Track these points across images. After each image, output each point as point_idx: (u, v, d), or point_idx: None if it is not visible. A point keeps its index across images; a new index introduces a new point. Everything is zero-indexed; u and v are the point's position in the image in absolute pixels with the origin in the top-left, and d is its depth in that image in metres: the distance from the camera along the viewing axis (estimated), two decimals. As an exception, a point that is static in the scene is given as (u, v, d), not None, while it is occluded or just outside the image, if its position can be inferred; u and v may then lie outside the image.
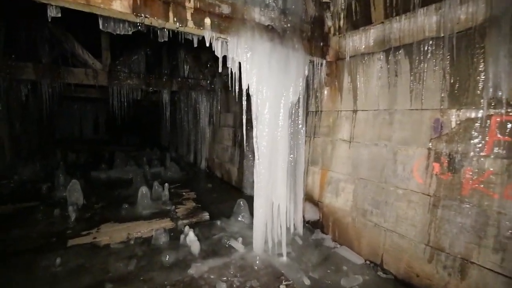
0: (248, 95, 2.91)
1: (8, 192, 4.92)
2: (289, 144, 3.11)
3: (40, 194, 4.85)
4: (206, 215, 4.03)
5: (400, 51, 2.67)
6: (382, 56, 2.85)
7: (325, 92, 3.60)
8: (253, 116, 2.88)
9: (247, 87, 2.75)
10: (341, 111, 3.41)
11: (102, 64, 6.04)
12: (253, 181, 5.50)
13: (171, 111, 9.34)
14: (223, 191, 5.76)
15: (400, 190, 2.72)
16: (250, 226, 3.57)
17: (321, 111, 3.69)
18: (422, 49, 2.47)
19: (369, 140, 3.04)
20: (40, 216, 3.79)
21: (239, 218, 3.74)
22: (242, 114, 5.71)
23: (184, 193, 5.38)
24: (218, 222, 3.67)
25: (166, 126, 11.30)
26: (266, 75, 2.71)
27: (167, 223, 3.71)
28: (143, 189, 4.08)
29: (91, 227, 3.57)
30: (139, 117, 14.64)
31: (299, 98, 3.09)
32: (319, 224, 3.72)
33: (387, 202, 2.85)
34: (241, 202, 3.78)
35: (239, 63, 2.66)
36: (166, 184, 4.45)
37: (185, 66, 7.29)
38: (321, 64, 3.30)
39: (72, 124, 15.73)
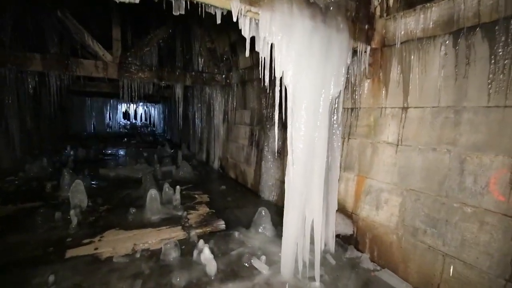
0: (273, 87, 2.39)
1: (12, 190, 4.63)
2: (328, 146, 2.59)
3: (44, 193, 4.53)
4: (221, 224, 3.57)
5: (475, 32, 2.11)
6: (448, 40, 2.28)
7: (366, 85, 3.05)
8: (288, 112, 2.38)
9: (281, 76, 2.23)
10: (385, 108, 2.86)
11: (112, 56, 5.68)
12: (272, 185, 5.04)
13: (183, 107, 8.95)
14: (238, 195, 5.30)
15: (468, 208, 2.16)
16: (274, 240, 3.11)
17: (359, 108, 3.15)
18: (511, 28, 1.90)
19: (424, 143, 2.49)
20: (40, 219, 3.43)
21: (259, 230, 3.26)
22: (261, 111, 5.23)
23: (196, 196, 4.95)
24: (236, 234, 3.20)
25: (178, 122, 10.95)
26: (305, 61, 2.21)
27: (178, 233, 3.27)
28: (152, 192, 3.66)
29: (94, 234, 3.18)
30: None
31: (340, 91, 2.56)
32: (352, 240, 3.20)
33: (448, 221, 2.29)
34: (263, 211, 3.29)
35: (271, 45, 2.16)
36: (178, 187, 4.01)
37: (200, 60, 6.86)
38: (365, 51, 2.75)
39: (86, 119, 15.68)
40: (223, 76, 6.90)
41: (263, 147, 5.19)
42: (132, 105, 21.59)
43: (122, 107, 23.08)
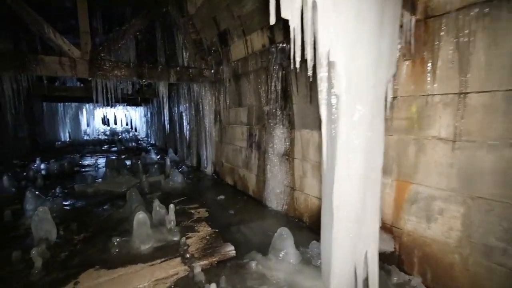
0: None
1: (-39, 221, 3.70)
2: (383, 145, 1.96)
3: (2, 223, 3.65)
4: (230, 249, 2.89)
5: None
6: (533, -1, 1.72)
7: (404, 68, 2.46)
8: (334, 102, 1.73)
9: (327, 52, 1.58)
10: (432, 95, 2.28)
11: (81, 51, 4.81)
12: (280, 192, 4.39)
13: (168, 108, 8.12)
14: (240, 205, 4.62)
15: None
16: (301, 269, 2.48)
17: (395, 97, 2.56)
18: None
19: (495, 138, 1.93)
20: (-10, 265, 2.61)
21: (280, 256, 2.61)
22: (261, 107, 4.55)
23: (192, 211, 4.23)
24: (253, 264, 2.53)
25: (163, 125, 10.10)
26: (357, 31, 1.56)
27: (177, 268, 2.56)
28: (140, 216, 2.91)
29: (66, 279, 2.41)
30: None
31: (393, 74, 1.94)
32: (393, 258, 2.62)
33: (540, 238, 1.75)
34: (284, 233, 2.64)
35: (313, 6, 1.49)
36: (171, 206, 3.27)
37: (184, 53, 6.09)
38: (410, 22, 2.15)
39: (59, 127, 14.35)
40: (212, 71, 6.16)
41: (266, 149, 4.54)
42: (110, 109, 20.24)
43: (100, 112, 21.65)
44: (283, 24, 3.54)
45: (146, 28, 5.87)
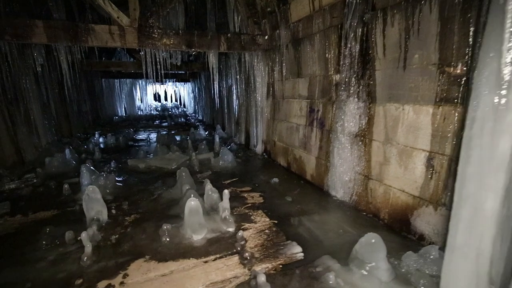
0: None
1: (26, 193, 3.82)
2: None
3: (61, 197, 3.66)
4: (297, 251, 2.34)
5: None
6: None
7: None
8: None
9: None
10: None
11: (129, 18, 4.47)
12: (349, 180, 3.63)
13: (217, 82, 7.68)
14: (298, 191, 4.04)
15: None
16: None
17: None
18: None
19: None
20: (45, 243, 2.49)
21: (366, 269, 1.97)
22: (329, 77, 3.72)
23: (245, 194, 3.79)
24: (331, 277, 1.95)
25: (211, 100, 9.85)
26: None
27: (235, 270, 2.12)
28: (192, 203, 2.51)
29: (115, 270, 2.15)
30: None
31: None
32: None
33: None
34: (374, 240, 1.97)
35: None
36: (226, 192, 2.82)
37: (236, 18, 5.40)
38: None
39: (116, 103, 15.26)
40: (266, 37, 5.41)
41: (332, 128, 3.78)
42: (161, 85, 20.95)
43: (152, 89, 22.62)
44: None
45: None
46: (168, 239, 2.50)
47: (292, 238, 2.59)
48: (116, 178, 4.16)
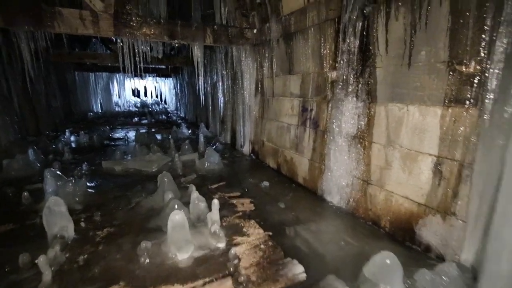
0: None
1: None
2: None
3: (19, 206, 3.15)
4: (298, 271, 2.06)
5: None
6: None
7: None
8: None
9: None
10: None
11: (104, 3, 3.97)
12: (346, 185, 3.34)
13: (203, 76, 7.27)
14: (290, 197, 3.78)
15: None
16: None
17: None
18: None
19: None
20: (-6, 268, 2.04)
21: (380, 292, 1.73)
22: (323, 74, 3.41)
23: (234, 201, 3.47)
24: (340, 304, 1.69)
25: (194, 97, 9.41)
26: None
27: (228, 296, 1.80)
28: (177, 217, 2.15)
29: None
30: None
31: None
32: None
33: None
34: (389, 261, 1.72)
35: None
36: (215, 202, 2.47)
37: (223, 9, 5.02)
38: None
39: (92, 98, 14.29)
40: (255, 30, 5.09)
41: (327, 128, 3.55)
42: (140, 80, 19.99)
43: (131, 84, 21.58)
44: None
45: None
46: (147, 260, 2.13)
47: (291, 253, 2.32)
48: (88, 184, 3.68)
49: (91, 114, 12.80)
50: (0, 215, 2.94)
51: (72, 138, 6.78)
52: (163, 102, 21.60)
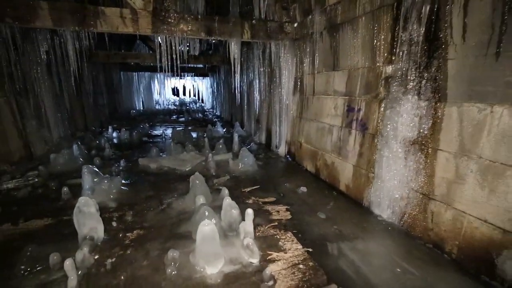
0: None
1: (23, 195, 3.42)
2: None
3: (59, 201, 3.22)
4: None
5: None
6: None
7: None
8: None
9: None
10: None
11: (143, 1, 3.95)
12: (400, 198, 2.69)
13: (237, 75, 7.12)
14: (331, 206, 3.38)
15: None
16: None
17: None
18: None
19: None
20: (22, 269, 2.01)
21: None
22: (376, 69, 2.82)
23: (269, 207, 3.19)
24: None
25: (230, 95, 9.34)
26: None
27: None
28: (206, 228, 1.93)
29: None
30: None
31: None
32: None
33: None
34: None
35: None
36: (250, 212, 2.22)
37: (261, 2, 4.74)
38: None
39: (134, 96, 15.11)
40: (295, 24, 4.74)
41: (379, 132, 3.08)
42: (180, 80, 20.73)
43: (171, 83, 22.51)
44: None
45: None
46: (174, 272, 1.94)
47: (335, 278, 1.96)
48: (123, 181, 3.69)
49: (134, 111, 13.51)
50: (42, 209, 3.02)
51: (114, 135, 7.09)
52: (200, 101, 22.17)
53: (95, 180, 3.27)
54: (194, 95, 24.67)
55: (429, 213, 2.56)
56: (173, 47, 4.65)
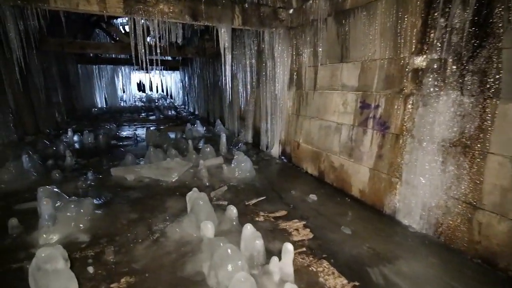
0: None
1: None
2: None
3: (5, 239, 2.36)
4: None
5: None
6: None
7: None
8: None
9: None
10: None
11: (111, -27, 3.13)
12: (436, 206, 2.34)
13: (213, 68, 6.47)
14: (351, 217, 2.97)
15: None
16: None
17: None
18: None
19: None
20: None
21: None
22: (400, 60, 2.30)
23: (284, 225, 2.69)
24: None
25: (207, 90, 8.63)
26: None
27: None
28: (243, 283, 1.35)
29: None
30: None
31: None
32: None
33: None
34: None
35: None
36: (289, 248, 1.67)
37: (253, -16, 4.13)
38: None
39: (96, 93, 13.49)
40: (291, 10, 4.23)
41: (405, 131, 2.71)
42: (146, 74, 19.12)
43: (136, 77, 20.76)
44: None
45: None
46: None
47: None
48: (94, 201, 2.89)
49: (95, 109, 12.02)
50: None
51: (75, 138, 5.98)
52: (169, 97, 20.76)
53: (56, 204, 2.46)
54: (162, 91, 23.08)
55: (476, 224, 2.25)
56: (145, 35, 3.87)
